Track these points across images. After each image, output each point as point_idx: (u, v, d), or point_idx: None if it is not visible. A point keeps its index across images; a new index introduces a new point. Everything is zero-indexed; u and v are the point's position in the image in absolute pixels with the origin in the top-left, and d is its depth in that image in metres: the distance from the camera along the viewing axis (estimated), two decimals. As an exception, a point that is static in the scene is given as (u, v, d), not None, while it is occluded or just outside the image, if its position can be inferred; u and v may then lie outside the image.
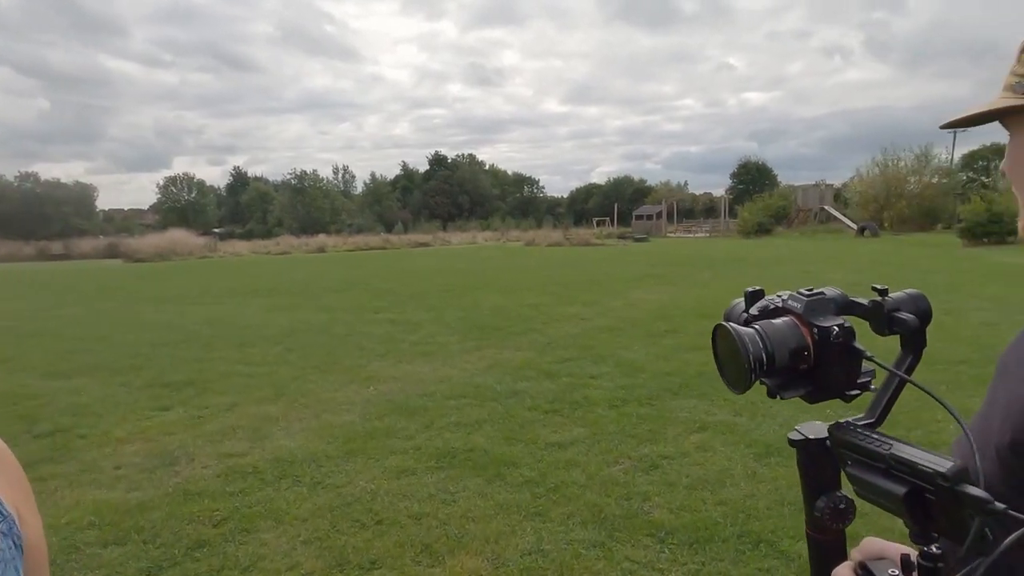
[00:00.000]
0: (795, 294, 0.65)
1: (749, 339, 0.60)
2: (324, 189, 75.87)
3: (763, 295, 0.70)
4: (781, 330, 0.61)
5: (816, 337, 0.60)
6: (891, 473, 0.53)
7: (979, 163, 50.05)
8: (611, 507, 3.10)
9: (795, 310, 0.63)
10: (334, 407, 4.95)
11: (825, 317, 0.61)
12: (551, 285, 12.85)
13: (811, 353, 0.60)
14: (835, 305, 0.63)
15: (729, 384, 0.64)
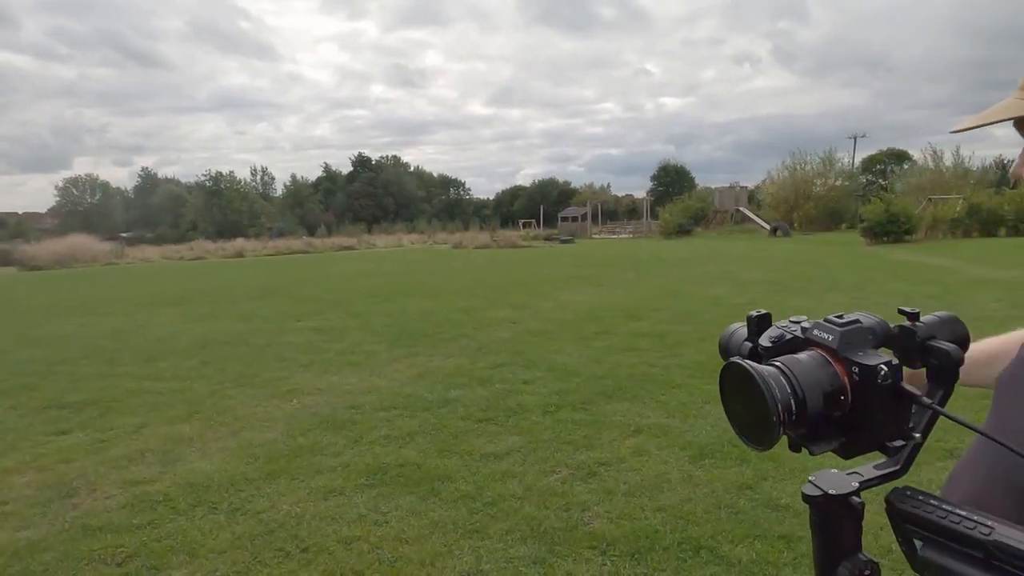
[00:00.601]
0: (823, 322, 0.54)
1: (774, 381, 0.48)
2: (242, 191, 73.01)
3: (770, 321, 0.60)
4: (810, 368, 0.50)
5: (856, 377, 0.49)
6: (993, 566, 0.42)
7: (877, 167, 53.57)
8: (550, 520, 3.01)
9: (825, 343, 0.52)
10: (254, 424, 4.66)
11: (864, 351, 0.51)
12: (480, 288, 12.74)
13: (848, 397, 0.50)
14: (874, 336, 0.53)
15: (749, 440, 0.52)
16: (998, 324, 4.85)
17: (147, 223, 68.93)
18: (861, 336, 0.52)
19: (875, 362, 0.49)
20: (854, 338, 0.52)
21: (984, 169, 35.86)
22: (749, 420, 0.50)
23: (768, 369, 0.50)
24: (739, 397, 0.51)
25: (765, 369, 0.50)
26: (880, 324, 0.56)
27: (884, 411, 0.50)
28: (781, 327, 0.58)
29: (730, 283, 11.89)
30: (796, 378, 0.49)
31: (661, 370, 5.62)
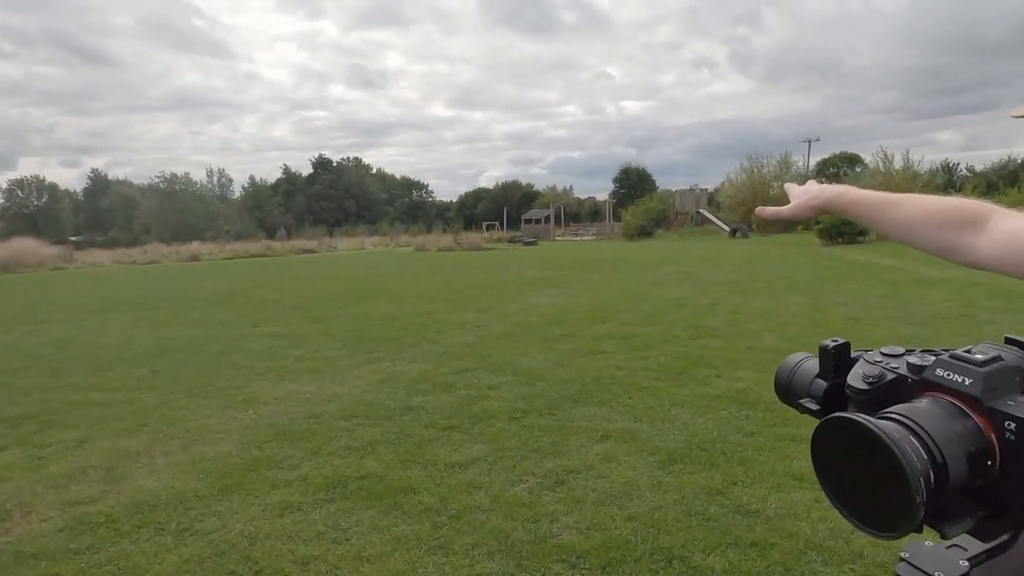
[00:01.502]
0: (949, 359, 0.42)
1: (908, 443, 0.37)
2: (198, 193, 71.33)
3: (849, 351, 0.48)
4: (945, 422, 0.39)
5: (1011, 436, 0.38)
6: None
7: (830, 170, 54.97)
8: (518, 532, 2.91)
9: (958, 387, 0.40)
10: (207, 436, 4.44)
11: (1016, 400, 0.39)
12: (444, 291, 12.58)
13: (996, 461, 0.39)
14: (1022, 378, 0.41)
15: (869, 525, 0.39)
16: (951, 323, 4.93)
17: (97, 226, 66.74)
18: (1008, 379, 0.41)
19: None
20: (1001, 382, 0.40)
21: (931, 173, 37.08)
22: (870, 497, 0.39)
23: (888, 424, 0.38)
24: (852, 465, 0.39)
25: (887, 424, 0.38)
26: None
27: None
28: (876, 362, 0.46)
29: (692, 284, 11.98)
30: (931, 436, 0.38)
31: (627, 373, 5.58)
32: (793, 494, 3.12)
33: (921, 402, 0.41)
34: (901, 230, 0.94)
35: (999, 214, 0.85)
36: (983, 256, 0.84)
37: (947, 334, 6.60)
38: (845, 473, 0.40)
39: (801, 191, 1.11)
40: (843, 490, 0.41)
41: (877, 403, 0.43)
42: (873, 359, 0.47)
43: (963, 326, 6.95)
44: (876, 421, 0.39)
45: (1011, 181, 31.51)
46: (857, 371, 0.47)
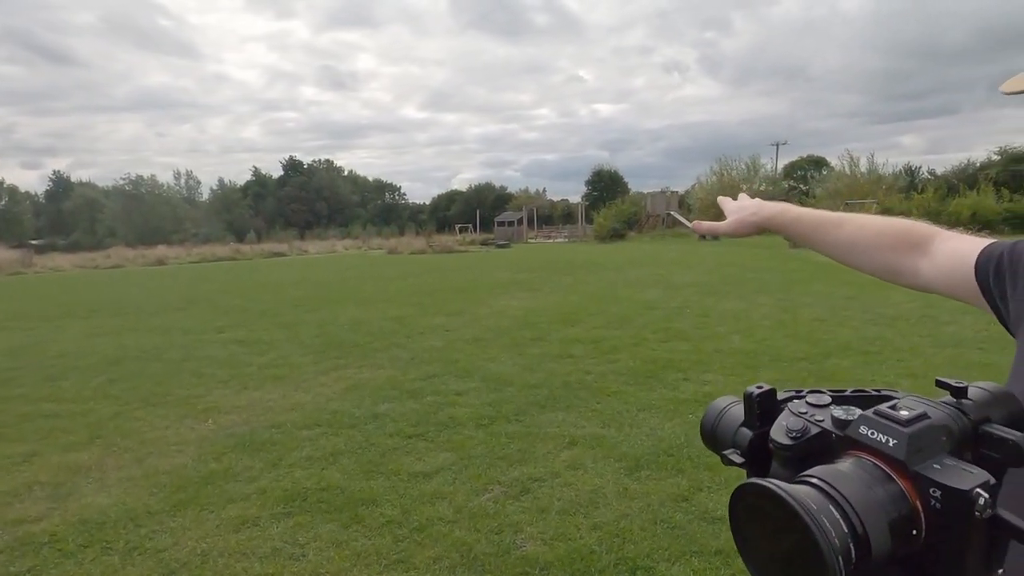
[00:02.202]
0: (872, 416, 0.38)
1: (826, 516, 0.33)
2: (164, 195, 69.90)
3: (775, 398, 0.44)
4: (867, 488, 0.35)
5: (937, 505, 0.35)
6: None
7: (798, 172, 55.94)
8: (481, 544, 2.85)
9: (880, 447, 0.37)
10: (162, 448, 4.29)
11: (942, 464, 0.36)
12: (414, 295, 12.46)
13: (922, 531, 0.35)
14: (948, 438, 0.38)
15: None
16: (914, 324, 4.97)
17: (60, 230, 65.05)
18: (934, 439, 0.37)
19: (968, 485, 0.34)
20: (927, 443, 0.37)
21: (895, 175, 37.99)
22: (789, 571, 0.35)
23: (808, 492, 0.35)
24: (766, 536, 0.36)
25: (805, 493, 0.34)
26: (955, 419, 0.40)
27: (975, 551, 0.35)
28: (800, 414, 0.43)
29: (663, 287, 12.04)
30: (850, 504, 0.34)
31: (596, 377, 5.55)
32: (758, 499, 3.11)
33: (845, 463, 0.38)
34: (843, 251, 0.91)
35: (940, 236, 0.83)
36: (926, 279, 0.82)
37: (910, 335, 6.70)
38: (763, 544, 0.36)
39: (737, 207, 1.07)
40: (761, 561, 0.38)
41: (800, 459, 0.40)
42: (798, 410, 0.43)
43: (925, 327, 7.06)
44: (794, 491, 0.34)
45: (970, 184, 32.38)
46: (781, 423, 0.43)
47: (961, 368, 5.39)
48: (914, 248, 0.85)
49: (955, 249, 0.81)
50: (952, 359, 5.67)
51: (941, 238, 0.84)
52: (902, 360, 5.74)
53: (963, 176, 40.80)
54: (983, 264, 0.78)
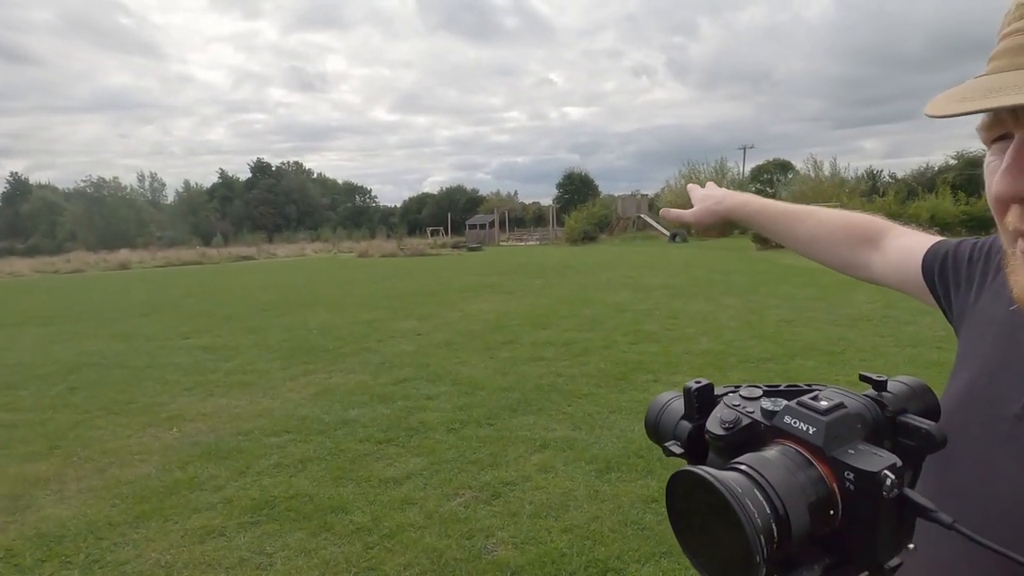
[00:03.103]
0: (795, 406, 0.42)
1: (751, 499, 0.36)
2: (128, 198, 68.32)
3: (712, 393, 0.49)
4: (789, 473, 0.38)
5: (851, 486, 0.38)
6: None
7: (764, 176, 56.96)
8: (452, 550, 2.83)
9: (802, 435, 0.40)
10: (125, 458, 4.19)
11: (856, 449, 0.39)
12: (385, 299, 12.37)
13: (838, 511, 0.39)
14: (863, 425, 0.42)
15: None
16: (876, 324, 5.09)
17: (17, 233, 63.10)
18: (849, 427, 0.41)
19: (877, 467, 0.38)
20: (841, 430, 0.40)
21: (857, 179, 38.93)
22: (715, 551, 0.38)
23: (735, 477, 0.38)
24: (698, 519, 0.39)
25: (733, 478, 0.37)
26: (869, 408, 0.43)
27: (885, 527, 0.39)
28: (734, 406, 0.46)
29: (633, 289, 12.14)
30: (773, 488, 0.37)
31: (567, 380, 5.57)
32: (726, 499, 3.15)
33: (771, 450, 0.41)
34: (804, 244, 0.93)
35: (894, 232, 0.85)
36: (877, 273, 0.84)
37: (872, 335, 6.87)
38: (696, 527, 0.40)
39: (703, 194, 1.08)
40: (695, 543, 0.40)
41: (733, 448, 0.43)
42: (732, 403, 0.47)
43: (886, 327, 7.25)
44: (722, 476, 0.37)
45: (929, 187, 33.34)
46: (716, 415, 0.46)
47: (920, 367, 5.54)
48: (867, 242, 0.87)
49: (905, 246, 0.83)
50: (912, 358, 5.83)
51: (894, 234, 0.86)
52: (865, 360, 5.87)
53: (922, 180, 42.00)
54: (929, 261, 0.80)
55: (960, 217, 25.40)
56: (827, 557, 0.40)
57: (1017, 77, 0.46)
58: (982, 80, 0.49)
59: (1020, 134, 0.49)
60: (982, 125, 0.53)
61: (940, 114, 0.47)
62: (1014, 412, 0.58)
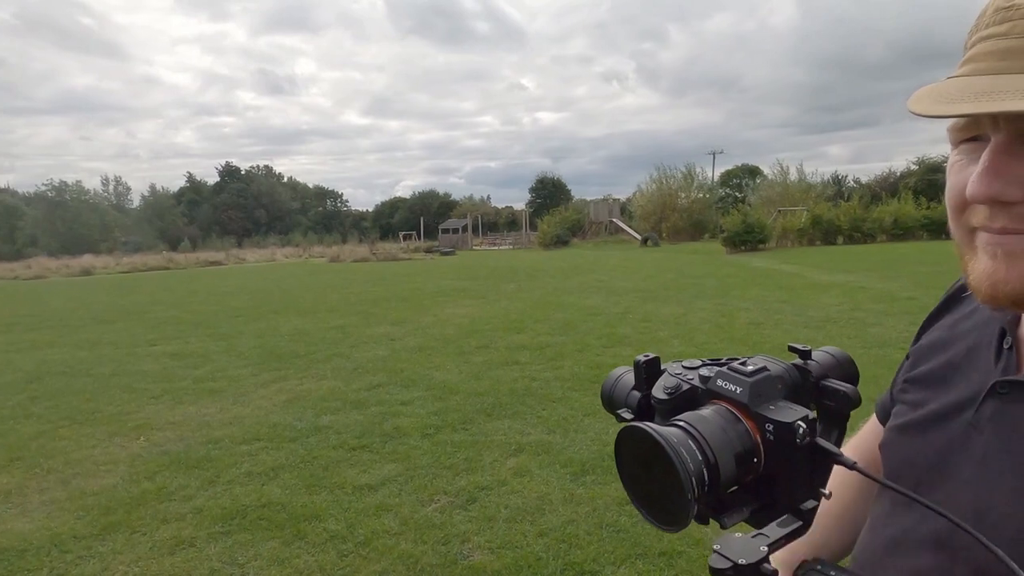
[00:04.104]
0: (726, 371, 0.48)
1: (684, 448, 0.41)
2: (91, 202, 66.66)
3: (659, 366, 0.54)
4: (719, 427, 0.44)
5: (770, 436, 0.44)
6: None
7: (733, 180, 57.90)
8: (428, 556, 2.82)
9: (732, 395, 0.46)
10: (90, 469, 4.09)
11: (776, 405, 0.46)
12: (358, 304, 12.26)
13: (761, 459, 0.45)
14: (783, 385, 0.48)
15: (657, 521, 0.45)
16: (843, 326, 5.19)
17: (-26, 238, 61.03)
18: (771, 387, 0.47)
19: (792, 419, 0.44)
20: (764, 390, 0.46)
21: (823, 184, 39.72)
22: (656, 496, 0.44)
23: (672, 431, 0.43)
24: (641, 468, 0.44)
25: (670, 431, 0.43)
26: (788, 371, 0.50)
27: (800, 472, 0.45)
28: (676, 375, 0.52)
29: (606, 293, 12.23)
30: (706, 440, 0.43)
31: (542, 384, 5.58)
32: (700, 500, 3.19)
33: (706, 409, 0.47)
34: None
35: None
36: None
37: (839, 337, 7.01)
38: (639, 475, 0.45)
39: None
40: (638, 490, 0.45)
41: (674, 411, 0.48)
42: (674, 372, 0.52)
43: (852, 329, 7.40)
44: (660, 428, 0.43)
45: (892, 192, 34.22)
46: (660, 383, 0.51)
47: (886, 367, 5.67)
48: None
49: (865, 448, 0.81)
50: (878, 359, 5.96)
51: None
52: (832, 361, 6.00)
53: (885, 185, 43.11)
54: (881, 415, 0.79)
55: (921, 221, 26.11)
56: (754, 501, 0.47)
57: (1006, 82, 0.47)
58: (968, 81, 0.49)
59: (997, 138, 0.50)
60: (955, 126, 0.54)
61: (929, 114, 0.48)
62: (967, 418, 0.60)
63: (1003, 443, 0.55)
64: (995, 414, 0.57)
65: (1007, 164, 0.49)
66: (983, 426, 0.58)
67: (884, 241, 25.64)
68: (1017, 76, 0.47)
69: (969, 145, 0.54)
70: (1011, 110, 0.45)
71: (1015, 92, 0.46)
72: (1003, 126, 0.50)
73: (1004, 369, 0.59)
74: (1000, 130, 0.50)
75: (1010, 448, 0.55)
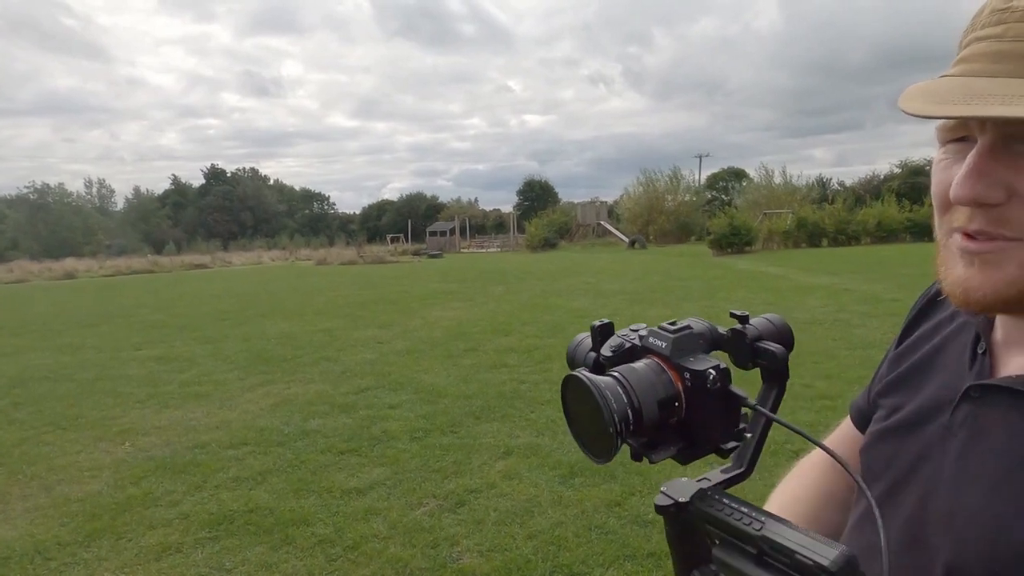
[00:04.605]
0: (656, 329, 0.54)
1: (611, 392, 0.48)
2: (74, 205, 65.97)
3: (613, 330, 0.60)
4: (646, 377, 0.50)
5: (688, 383, 0.50)
6: (765, 562, 0.44)
7: (720, 183, 58.26)
8: (417, 560, 2.82)
9: (659, 350, 0.52)
10: (74, 474, 4.04)
11: (696, 357, 0.51)
12: (345, 307, 12.21)
13: (682, 403, 0.50)
14: (704, 341, 0.54)
15: (590, 453, 0.51)
16: (828, 327, 5.24)
17: (-47, 242, 60.10)
18: (692, 342, 0.53)
19: (704, 367, 0.50)
20: (686, 344, 0.52)
21: (808, 187, 40.10)
22: (590, 432, 0.50)
23: (605, 380, 0.49)
24: (580, 410, 0.51)
25: (602, 380, 0.49)
26: (710, 329, 0.56)
27: (716, 414, 0.51)
28: (621, 336, 0.58)
29: (594, 295, 12.26)
30: (632, 387, 0.49)
31: (530, 386, 5.59)
32: (687, 501, 3.21)
33: (639, 363, 0.52)
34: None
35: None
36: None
37: (824, 338, 7.08)
38: (578, 416, 0.51)
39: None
40: (577, 428, 0.52)
41: (614, 365, 0.53)
42: (620, 334, 0.58)
43: (837, 331, 7.47)
44: (593, 377, 0.49)
45: (876, 195, 34.60)
46: (607, 343, 0.57)
47: (871, 368, 5.72)
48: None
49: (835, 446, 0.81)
50: (863, 360, 6.02)
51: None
52: (818, 363, 6.04)
53: (869, 187, 43.58)
54: (856, 417, 0.81)
55: (904, 224, 26.44)
56: (680, 440, 0.52)
57: (996, 85, 0.48)
58: (960, 82, 0.50)
59: (983, 140, 0.51)
60: (944, 125, 0.55)
61: (921, 114, 0.48)
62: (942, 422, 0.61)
63: (975, 446, 0.56)
64: (968, 418, 0.58)
65: (991, 167, 0.50)
66: (956, 430, 0.59)
67: (868, 243, 25.92)
68: (1007, 80, 0.48)
69: (956, 145, 0.55)
70: (997, 116, 0.46)
71: (1004, 96, 0.46)
72: (989, 129, 0.50)
73: (978, 373, 0.60)
74: (986, 132, 0.51)
75: (981, 451, 0.56)
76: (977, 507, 0.53)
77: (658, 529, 2.96)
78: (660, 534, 2.91)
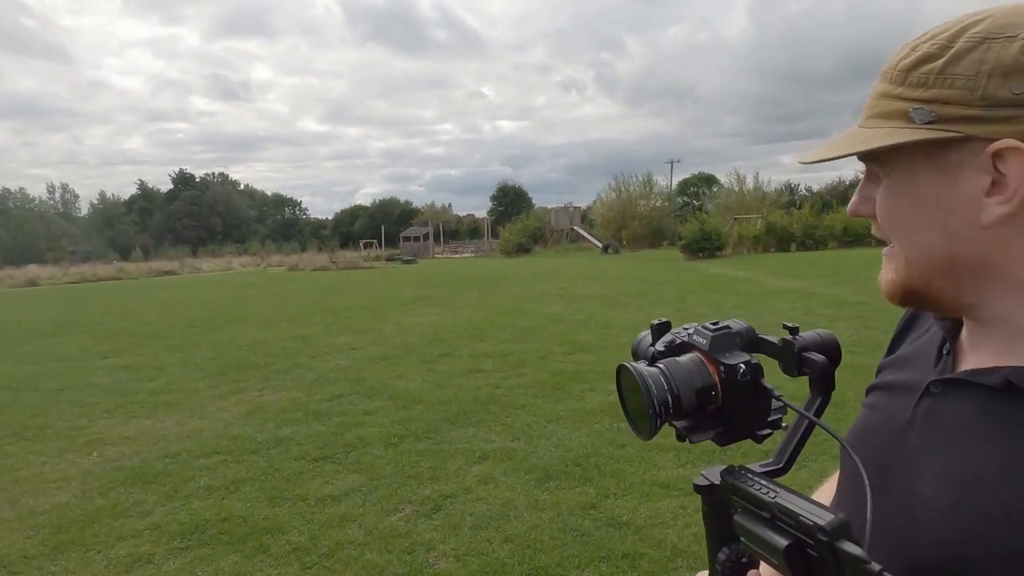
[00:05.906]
0: (700, 328, 0.62)
1: (653, 380, 0.56)
2: (36, 210, 64.36)
3: (669, 328, 0.67)
4: (686, 368, 0.58)
5: (723, 375, 0.57)
6: (776, 524, 0.49)
7: (691, 189, 59.02)
8: (393, 566, 2.82)
9: (700, 346, 0.60)
10: (40, 486, 3.95)
11: (731, 353, 0.59)
12: (318, 313, 12.10)
13: (719, 392, 0.57)
14: (741, 340, 0.61)
15: (636, 430, 0.60)
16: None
17: (-91, 248, 58.12)
18: (730, 340, 0.59)
19: (736, 361, 0.57)
20: (724, 342, 0.59)
21: (778, 192, 40.86)
22: (637, 414, 0.58)
23: (651, 370, 0.57)
24: (630, 394, 0.60)
25: (648, 370, 0.57)
26: (747, 330, 0.63)
27: (748, 404, 0.58)
28: (675, 333, 0.65)
29: (568, 300, 12.33)
30: (673, 377, 0.56)
31: (505, 391, 5.61)
32: (661, 502, 3.26)
33: (684, 357, 0.59)
34: None
35: None
36: None
37: (792, 341, 7.23)
38: (629, 398, 0.60)
39: None
40: (627, 409, 0.61)
41: (664, 358, 0.60)
42: (675, 331, 0.65)
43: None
44: (640, 367, 0.57)
45: (843, 200, 35.34)
46: (662, 339, 0.65)
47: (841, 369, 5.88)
48: None
49: None
50: (829, 362, 6.17)
51: None
52: (786, 364, 6.18)
53: (835, 193, 44.57)
54: None
55: (870, 228, 27.01)
56: (718, 425, 0.59)
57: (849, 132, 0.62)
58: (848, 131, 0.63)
59: (866, 170, 0.64)
60: None
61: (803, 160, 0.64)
62: (906, 417, 0.65)
63: (933, 438, 0.61)
64: (927, 412, 0.63)
65: (865, 188, 0.64)
66: (917, 424, 0.63)
67: (835, 248, 26.47)
68: (853, 129, 0.62)
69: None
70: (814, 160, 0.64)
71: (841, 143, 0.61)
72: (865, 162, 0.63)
73: (940, 372, 0.65)
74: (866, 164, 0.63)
75: (938, 442, 0.60)
76: (933, 498, 0.57)
77: (632, 531, 3.00)
78: (634, 535, 2.96)
